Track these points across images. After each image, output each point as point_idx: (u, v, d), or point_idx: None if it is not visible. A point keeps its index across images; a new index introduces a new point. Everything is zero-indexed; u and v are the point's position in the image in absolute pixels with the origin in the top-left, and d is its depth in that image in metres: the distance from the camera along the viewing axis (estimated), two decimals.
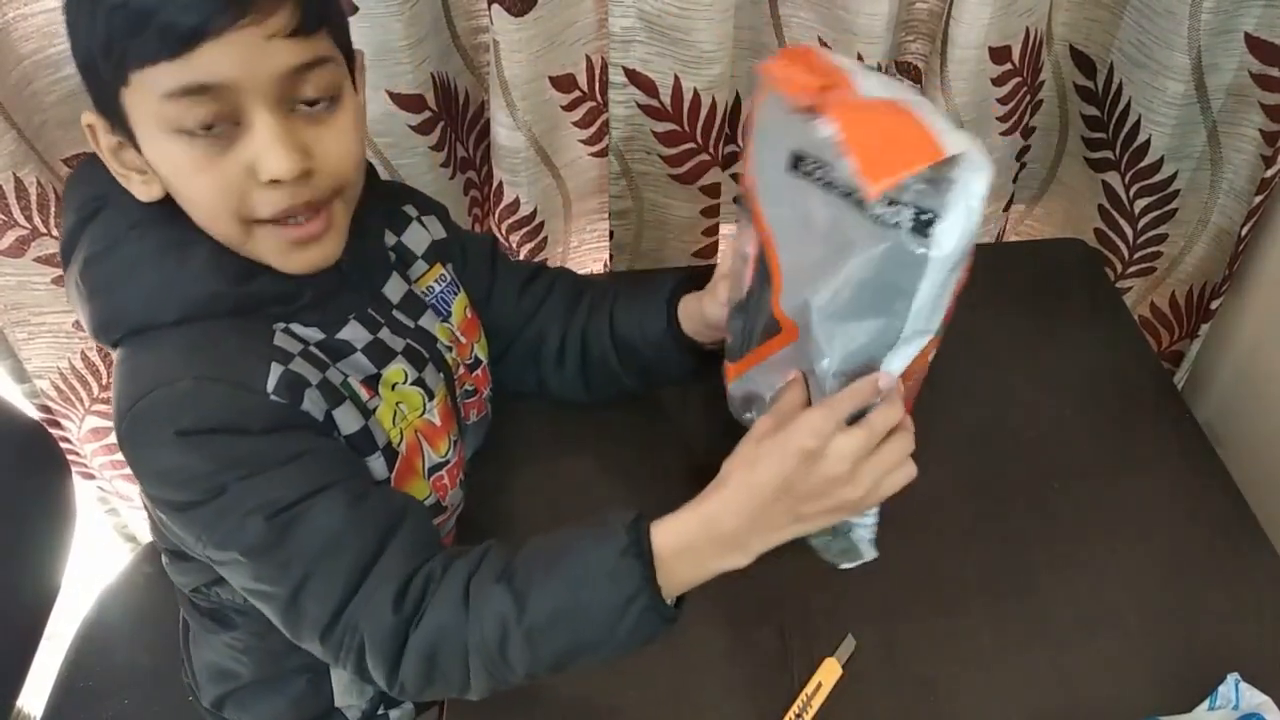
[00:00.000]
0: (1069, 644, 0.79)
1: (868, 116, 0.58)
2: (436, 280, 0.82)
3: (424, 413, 0.76)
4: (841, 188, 0.59)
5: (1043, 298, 1.07)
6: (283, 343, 0.68)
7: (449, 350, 0.81)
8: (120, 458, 0.82)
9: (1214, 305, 1.13)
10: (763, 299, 0.67)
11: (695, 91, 1.02)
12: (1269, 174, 1.01)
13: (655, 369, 0.85)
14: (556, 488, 0.89)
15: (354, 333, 0.73)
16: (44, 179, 0.90)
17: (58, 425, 1.10)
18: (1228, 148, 1.07)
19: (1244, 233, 1.05)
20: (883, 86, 0.62)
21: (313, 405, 0.67)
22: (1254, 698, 0.73)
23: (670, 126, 1.06)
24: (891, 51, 1.04)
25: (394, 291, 0.77)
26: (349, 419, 0.70)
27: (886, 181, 0.55)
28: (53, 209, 0.92)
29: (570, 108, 1.05)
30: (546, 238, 1.13)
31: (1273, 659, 0.77)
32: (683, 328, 0.82)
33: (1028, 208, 1.29)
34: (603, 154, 1.10)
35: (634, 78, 1.02)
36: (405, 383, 0.75)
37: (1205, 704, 0.74)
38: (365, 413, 0.71)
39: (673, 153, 1.08)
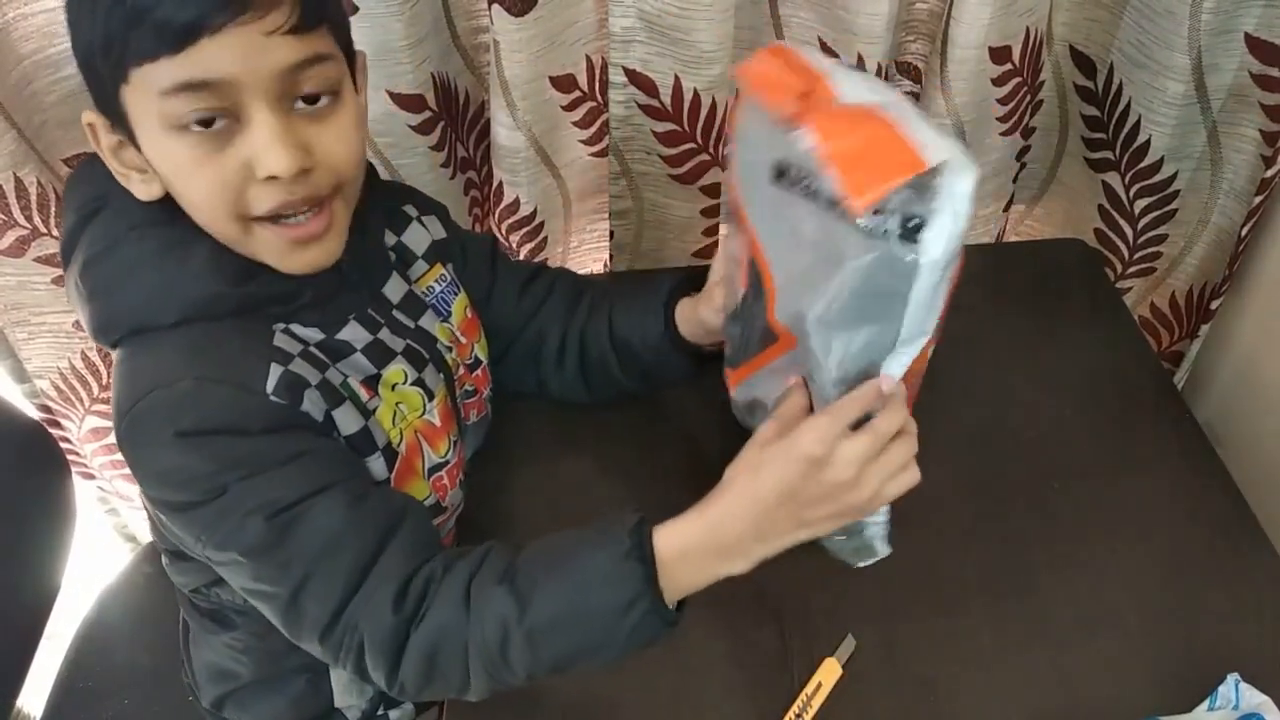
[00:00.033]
0: (1069, 644, 0.79)
1: (847, 128, 0.58)
2: (437, 280, 0.82)
3: (424, 413, 0.76)
4: (827, 198, 0.58)
5: (1043, 298, 1.07)
6: (282, 343, 0.68)
7: (449, 350, 0.81)
8: (120, 458, 0.82)
9: (1214, 305, 1.13)
10: (757, 308, 0.67)
11: (695, 91, 1.02)
12: (1269, 174, 1.01)
13: (655, 371, 0.85)
14: (556, 488, 0.89)
15: (354, 333, 0.72)
16: (44, 179, 0.90)
17: (58, 425, 1.10)
18: (1228, 148, 1.07)
19: (1244, 233, 1.05)
20: (862, 87, 0.62)
21: (312, 406, 0.67)
22: (1254, 698, 0.73)
23: (670, 126, 1.06)
24: (891, 51, 1.04)
25: (394, 292, 0.77)
26: (349, 419, 0.70)
27: (870, 197, 0.55)
28: (53, 209, 0.92)
29: (570, 108, 1.05)
30: (546, 238, 1.13)
31: (1273, 659, 0.77)
32: (681, 331, 0.82)
33: (1028, 208, 1.29)
34: (603, 154, 1.10)
35: (634, 78, 1.02)
36: (405, 383, 0.75)
37: (1205, 704, 0.74)
38: (365, 413, 0.71)
39: (673, 153, 1.08)
